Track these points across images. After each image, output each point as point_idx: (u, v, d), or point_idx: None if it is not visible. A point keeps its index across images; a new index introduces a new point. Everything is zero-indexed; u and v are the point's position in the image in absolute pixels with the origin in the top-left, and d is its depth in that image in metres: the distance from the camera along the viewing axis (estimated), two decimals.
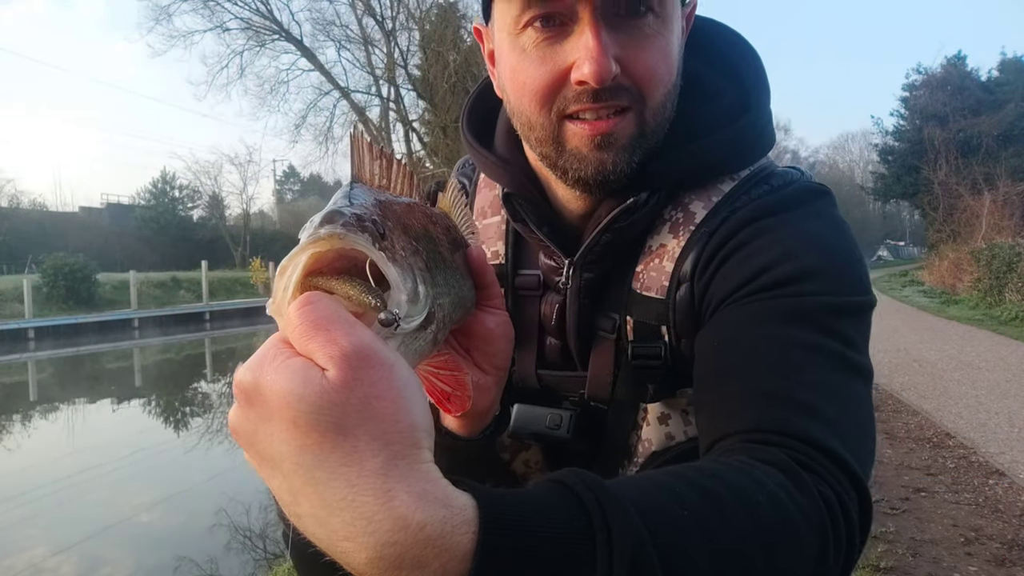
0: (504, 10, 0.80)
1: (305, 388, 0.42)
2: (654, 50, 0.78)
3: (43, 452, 8.41)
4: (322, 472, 0.41)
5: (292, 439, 0.42)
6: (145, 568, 4.47)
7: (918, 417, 5.43)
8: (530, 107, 0.81)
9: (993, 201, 21.95)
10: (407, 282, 0.49)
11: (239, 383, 0.45)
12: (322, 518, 0.42)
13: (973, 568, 2.77)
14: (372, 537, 0.41)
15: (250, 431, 0.44)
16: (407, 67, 33.09)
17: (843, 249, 0.79)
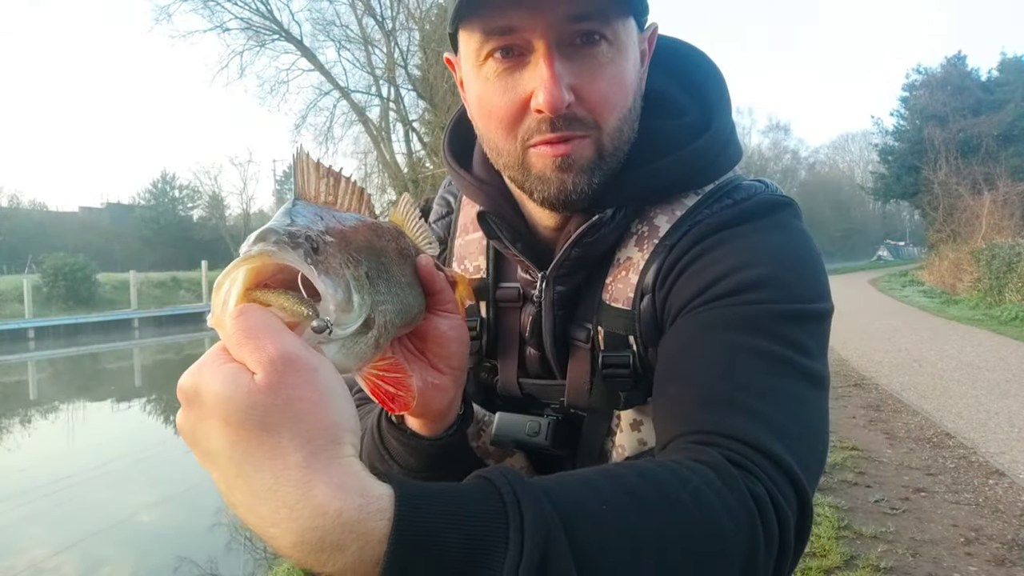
0: (466, 42, 0.84)
1: (235, 390, 0.46)
2: (608, 78, 0.81)
3: (43, 452, 8.41)
4: (250, 466, 0.46)
5: (224, 436, 0.46)
6: (145, 568, 4.48)
7: (918, 417, 5.43)
8: (497, 134, 0.85)
9: (993, 201, 21.95)
10: (338, 292, 0.53)
11: (181, 386, 0.49)
12: (251, 506, 0.46)
13: (973, 568, 2.77)
14: (295, 523, 0.45)
15: (190, 430, 0.48)
16: (407, 67, 33.07)
17: (798, 258, 0.82)
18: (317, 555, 0.46)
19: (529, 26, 0.78)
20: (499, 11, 0.78)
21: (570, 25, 0.79)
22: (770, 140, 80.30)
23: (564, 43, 0.79)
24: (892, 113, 36.97)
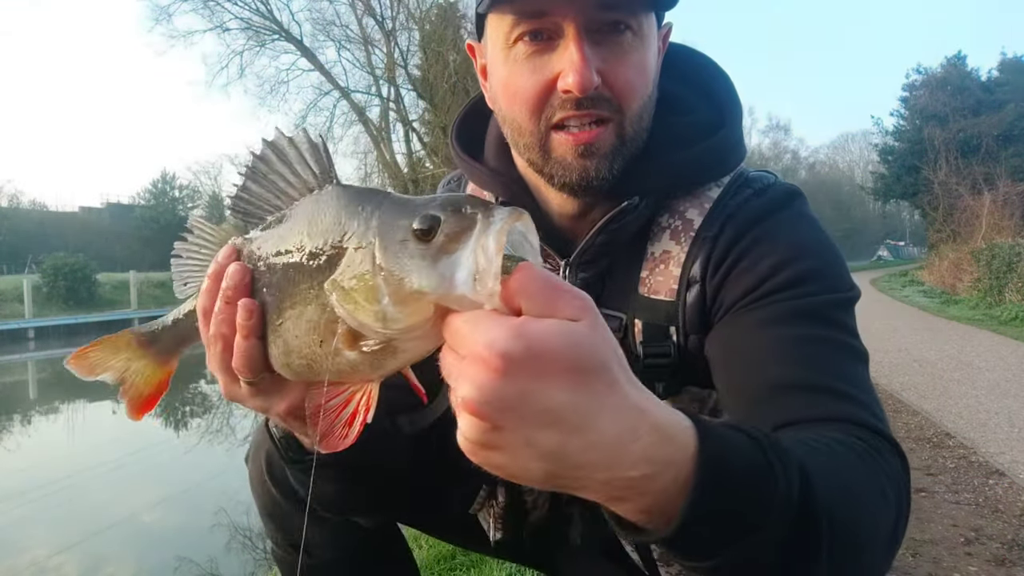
0: (497, 26, 0.88)
1: (573, 338, 0.47)
2: (632, 65, 0.86)
3: (43, 452, 8.41)
4: (595, 404, 0.48)
5: (569, 385, 0.47)
6: (146, 568, 4.48)
7: (918, 417, 5.43)
8: (521, 114, 0.88)
9: (993, 201, 21.94)
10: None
11: (505, 354, 0.46)
12: (595, 443, 0.48)
13: (973, 568, 2.77)
14: (638, 443, 0.50)
15: (519, 396, 0.47)
16: (407, 67, 33.05)
17: (829, 249, 0.91)
18: (651, 477, 0.50)
19: (561, 11, 0.82)
20: None
21: (599, 13, 0.83)
22: (770, 140, 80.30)
23: (592, 29, 0.83)
24: (892, 113, 36.92)
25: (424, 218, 0.51)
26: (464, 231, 0.50)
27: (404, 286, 0.51)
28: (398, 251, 0.52)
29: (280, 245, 0.62)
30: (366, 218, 0.56)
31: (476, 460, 0.51)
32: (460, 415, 0.49)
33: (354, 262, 0.55)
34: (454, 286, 0.49)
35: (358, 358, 0.56)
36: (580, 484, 0.51)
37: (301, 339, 0.60)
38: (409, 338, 0.53)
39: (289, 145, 0.62)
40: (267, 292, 0.64)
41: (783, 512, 0.55)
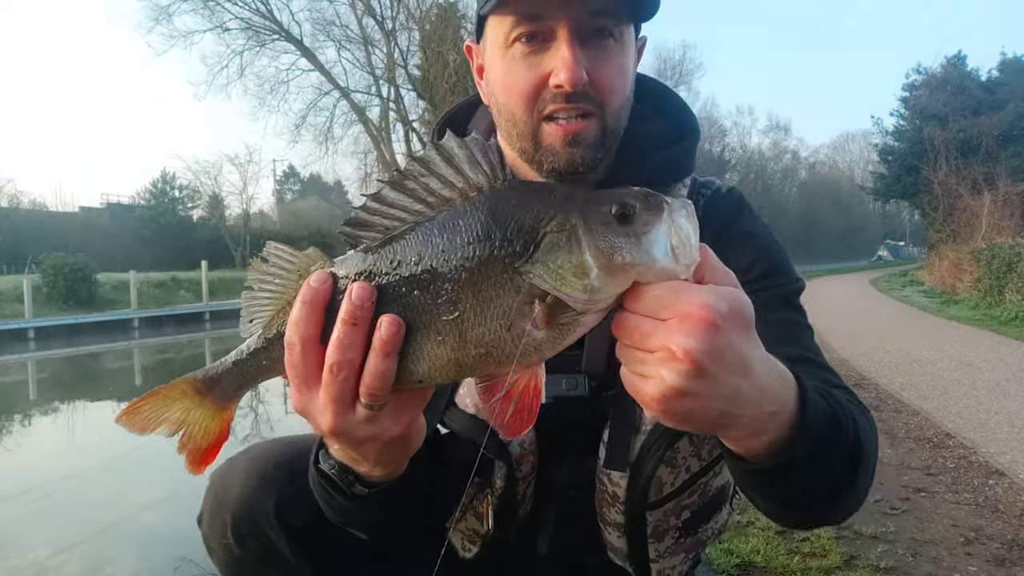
0: (497, 27, 0.99)
1: (745, 300, 0.64)
2: (614, 67, 0.99)
3: (43, 451, 8.41)
4: (756, 352, 0.66)
5: (747, 337, 0.64)
6: (147, 568, 4.47)
7: (918, 417, 5.43)
8: (516, 106, 0.99)
9: (993, 201, 21.93)
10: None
11: (722, 313, 0.60)
12: (763, 386, 0.66)
13: (973, 568, 2.77)
14: (786, 388, 0.70)
15: (726, 346, 0.60)
16: (407, 67, 33.04)
17: (781, 245, 1.13)
18: (776, 414, 0.69)
19: (555, 16, 0.94)
20: (532, 0, 0.94)
21: (589, 19, 0.95)
22: (770, 140, 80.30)
23: (581, 34, 0.95)
24: (892, 113, 36.90)
25: (622, 204, 0.61)
26: (656, 215, 0.61)
27: (614, 260, 0.60)
28: (604, 231, 0.61)
29: (447, 242, 0.63)
30: (561, 205, 0.63)
31: (664, 409, 0.63)
32: (666, 368, 0.60)
33: (558, 243, 0.61)
34: (656, 259, 0.60)
35: (544, 337, 0.63)
36: (737, 422, 0.67)
37: (484, 327, 0.63)
38: (599, 310, 0.62)
39: (459, 147, 0.65)
40: (415, 297, 0.64)
41: (846, 449, 0.78)
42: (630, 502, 1.05)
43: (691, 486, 1.07)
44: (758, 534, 3.00)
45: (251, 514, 1.03)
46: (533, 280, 0.61)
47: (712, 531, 1.16)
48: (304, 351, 0.67)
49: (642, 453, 1.03)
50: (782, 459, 0.71)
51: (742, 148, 75.34)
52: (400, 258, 0.65)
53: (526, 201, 0.64)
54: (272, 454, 1.09)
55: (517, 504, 1.12)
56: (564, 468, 1.13)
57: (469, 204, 0.64)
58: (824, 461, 0.75)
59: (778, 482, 0.75)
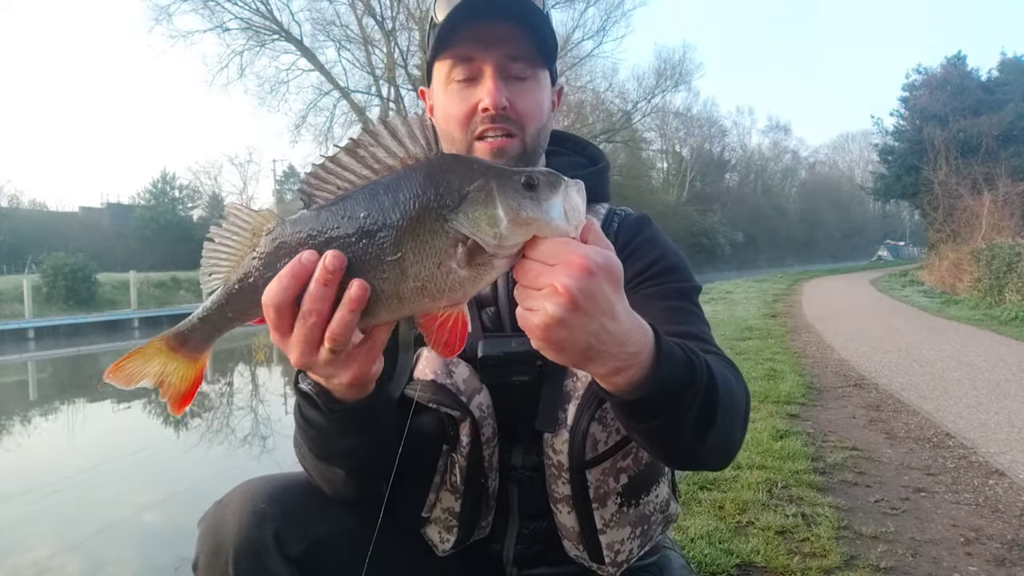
0: (439, 71, 1.26)
1: (616, 259, 0.79)
2: (530, 96, 1.25)
3: (43, 452, 8.41)
4: (620, 305, 0.80)
5: (614, 288, 0.78)
6: (147, 568, 4.47)
7: (918, 417, 5.43)
8: (454, 129, 1.24)
9: (993, 201, 21.92)
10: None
11: (598, 264, 0.75)
12: (625, 331, 0.81)
13: (973, 568, 2.77)
14: (644, 335, 0.85)
15: (596, 288, 0.75)
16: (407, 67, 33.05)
17: (681, 253, 1.34)
18: (636, 355, 0.83)
19: (482, 57, 1.21)
20: (465, 45, 1.21)
21: (508, 62, 1.22)
22: (770, 140, 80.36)
23: (503, 72, 1.22)
24: (892, 113, 36.87)
25: (529, 176, 0.77)
26: (555, 187, 0.78)
27: (519, 214, 0.76)
28: (513, 194, 0.77)
29: (391, 197, 0.78)
30: (482, 172, 0.79)
31: (543, 337, 0.77)
32: (549, 301, 0.74)
33: (478, 200, 0.77)
34: (552, 219, 0.76)
35: (466, 274, 0.78)
36: (600, 357, 0.81)
37: (420, 264, 0.78)
38: (506, 255, 0.77)
39: (402, 123, 0.80)
40: (364, 244, 0.78)
41: (700, 389, 0.91)
42: (572, 465, 1.17)
43: (623, 448, 1.18)
44: (758, 534, 3.00)
45: (252, 549, 1.06)
46: (457, 227, 0.77)
47: (654, 506, 1.24)
48: (280, 311, 0.81)
49: (577, 414, 1.16)
50: (641, 393, 0.85)
51: (742, 148, 75.33)
52: (350, 213, 0.79)
53: (455, 167, 0.80)
54: (260, 490, 1.12)
55: (485, 471, 1.20)
56: (519, 449, 1.26)
57: (409, 169, 0.79)
58: (680, 398, 0.89)
59: (640, 415, 0.89)
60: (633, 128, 45.68)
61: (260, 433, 8.85)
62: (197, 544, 1.12)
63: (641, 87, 46.37)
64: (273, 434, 8.53)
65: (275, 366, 15.45)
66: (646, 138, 53.28)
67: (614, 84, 43.94)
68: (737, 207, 63.77)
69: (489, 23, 1.20)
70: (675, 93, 51.51)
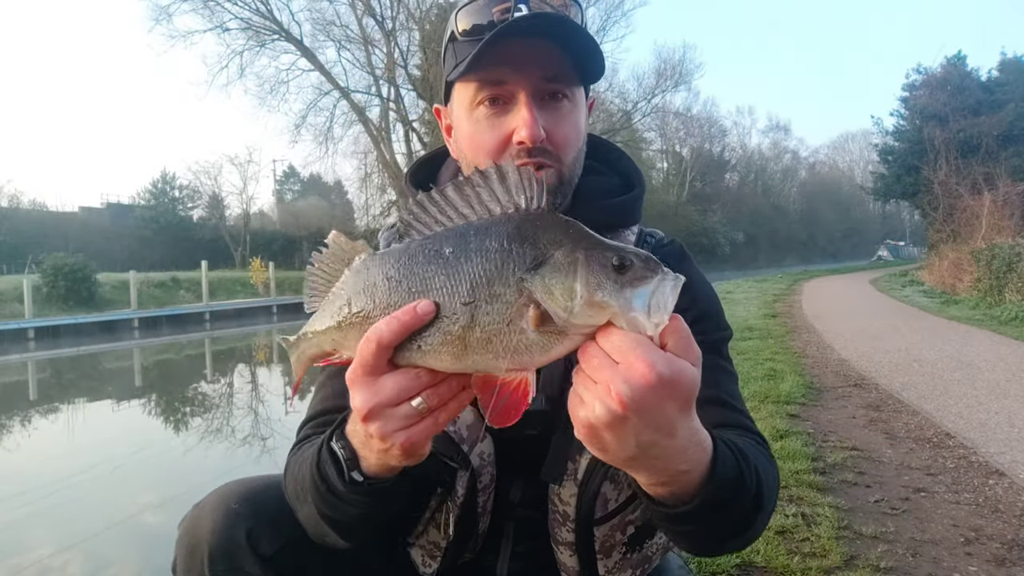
0: (462, 92, 1.13)
1: (694, 378, 0.72)
2: (569, 124, 1.12)
3: (43, 452, 8.41)
4: (685, 422, 0.75)
5: (679, 407, 0.73)
6: (148, 568, 4.47)
7: (918, 417, 5.43)
8: (484, 162, 1.07)
9: (993, 201, 21.90)
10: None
11: (663, 376, 0.68)
12: (683, 448, 0.77)
13: (973, 568, 2.77)
14: (704, 452, 0.80)
15: (653, 403, 0.69)
16: (407, 67, 33.04)
17: (715, 295, 1.26)
18: (688, 472, 0.79)
19: (514, 81, 1.08)
20: (495, 68, 1.07)
21: (544, 84, 1.09)
22: (770, 140, 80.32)
23: (538, 96, 1.09)
24: (892, 113, 36.84)
25: (623, 256, 0.72)
26: (647, 276, 0.72)
27: (596, 295, 0.71)
28: (598, 271, 0.72)
29: (478, 242, 0.76)
30: (574, 239, 0.75)
31: (587, 435, 0.72)
32: (600, 401, 0.69)
33: (560, 266, 0.73)
34: (632, 309, 0.71)
35: (535, 339, 0.74)
36: (646, 468, 0.78)
37: (491, 316, 0.75)
38: (576, 333, 0.73)
39: (513, 172, 0.78)
40: (443, 280, 0.77)
41: (745, 502, 0.89)
42: (579, 518, 1.13)
43: (633, 501, 1.14)
44: None
45: (226, 548, 1.07)
46: (531, 288, 0.73)
47: (657, 546, 1.22)
48: (379, 352, 0.77)
49: (588, 470, 1.10)
50: (682, 509, 0.82)
51: (742, 148, 75.31)
52: (438, 248, 0.78)
53: (548, 227, 0.76)
54: (234, 492, 1.13)
55: (478, 516, 1.17)
56: (519, 486, 1.21)
57: (505, 217, 0.77)
58: (721, 515, 0.85)
59: (675, 521, 0.86)
60: (633, 128, 45.67)
61: (260, 434, 8.84)
62: (175, 546, 1.15)
63: (641, 87, 46.36)
64: (273, 434, 8.52)
65: (275, 366, 15.45)
66: (646, 138, 53.26)
67: (614, 84, 43.89)
68: (737, 207, 63.71)
69: (521, 40, 1.05)
70: (675, 93, 51.52)
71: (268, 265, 32.01)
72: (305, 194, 55.35)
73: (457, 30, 1.13)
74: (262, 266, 31.85)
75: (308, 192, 55.48)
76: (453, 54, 1.14)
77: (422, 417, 0.79)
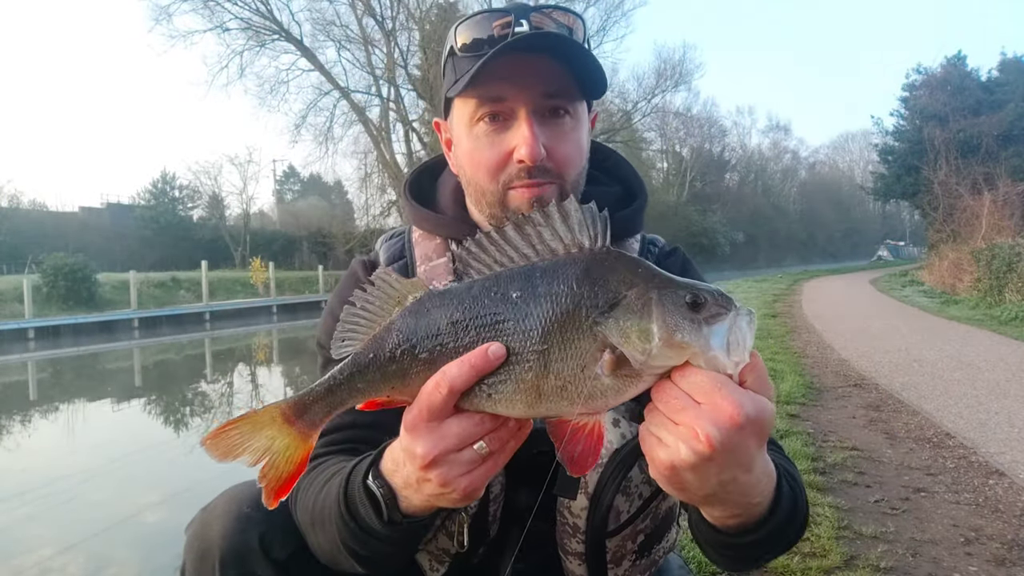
0: (462, 108, 1.11)
1: (772, 414, 0.72)
2: (570, 142, 1.10)
3: (43, 452, 8.41)
4: (760, 458, 0.77)
5: (758, 443, 0.73)
6: (148, 568, 4.48)
7: (918, 417, 5.43)
8: (484, 179, 1.10)
9: (993, 201, 21.90)
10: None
11: (749, 416, 0.69)
12: (754, 483, 0.78)
13: (973, 568, 2.77)
14: (770, 483, 0.83)
15: (739, 443, 0.70)
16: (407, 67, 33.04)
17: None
18: (758, 504, 0.82)
19: (515, 97, 1.06)
20: (495, 84, 1.05)
21: (545, 100, 1.07)
22: (770, 140, 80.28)
23: (539, 113, 1.07)
24: (892, 113, 36.86)
25: (695, 294, 0.71)
26: (722, 313, 0.70)
27: (674, 336, 0.69)
28: (674, 311, 0.70)
29: (546, 285, 0.73)
30: (645, 279, 0.73)
31: (668, 476, 0.72)
32: (685, 443, 0.69)
33: (633, 308, 0.71)
34: (711, 348, 0.69)
35: (610, 383, 0.71)
36: (722, 503, 0.79)
37: (564, 362, 0.72)
38: (655, 373, 0.71)
39: (575, 211, 0.76)
40: (513, 326, 0.74)
41: (798, 526, 0.93)
42: (590, 532, 1.12)
43: (644, 511, 1.14)
44: None
45: (238, 554, 1.05)
46: (606, 333, 0.71)
47: (664, 549, 1.23)
48: (449, 398, 0.74)
49: (600, 483, 1.09)
50: (747, 538, 0.86)
51: (742, 148, 75.27)
52: (504, 291, 0.74)
53: (617, 267, 0.74)
54: (245, 495, 1.11)
55: (488, 525, 1.17)
56: (528, 494, 1.19)
57: (571, 258, 0.75)
58: (778, 538, 0.89)
59: (735, 547, 0.89)
60: (633, 128, 45.66)
61: None
62: (184, 551, 1.12)
63: (641, 87, 46.32)
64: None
65: (275, 366, 15.45)
66: (646, 138, 53.25)
67: (614, 84, 43.82)
68: (737, 207, 63.69)
69: (521, 56, 1.04)
70: (675, 93, 51.46)
71: (268, 265, 32.01)
72: (305, 194, 55.36)
73: (456, 45, 1.11)
74: (262, 266, 31.85)
75: (308, 192, 55.48)
76: (453, 69, 1.12)
77: (483, 460, 0.78)
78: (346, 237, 37.32)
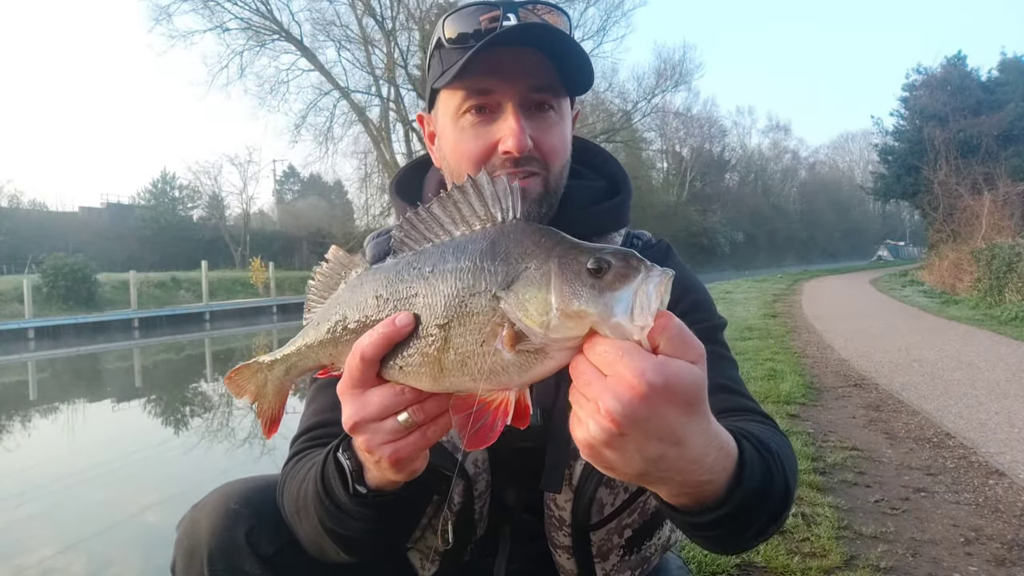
0: (448, 100, 1.12)
1: (694, 378, 0.64)
2: (555, 135, 1.12)
3: (43, 452, 8.41)
4: (696, 428, 0.68)
5: (683, 412, 0.65)
6: (148, 568, 4.48)
7: (918, 417, 5.43)
8: (468, 170, 1.09)
9: (993, 201, 21.90)
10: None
11: (654, 385, 0.61)
12: (697, 457, 0.70)
13: (973, 568, 2.77)
14: (727, 457, 0.75)
15: (649, 415, 0.63)
16: (407, 67, 33.04)
17: (703, 288, 1.26)
18: (710, 482, 0.74)
19: (501, 90, 1.07)
20: (482, 77, 1.06)
21: (531, 94, 1.09)
22: (770, 140, 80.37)
23: (525, 106, 1.09)
24: (892, 113, 36.86)
25: (598, 259, 0.66)
26: (628, 276, 0.65)
27: (571, 305, 0.65)
28: (572, 278, 0.67)
29: (454, 261, 0.74)
30: (547, 248, 0.70)
31: (589, 455, 0.67)
32: (592, 419, 0.64)
33: (532, 279, 0.69)
34: (613, 315, 0.64)
35: (512, 359, 0.69)
36: (661, 482, 0.72)
37: (464, 337, 0.72)
38: (558, 348, 0.68)
39: (488, 184, 0.76)
40: (423, 300, 0.75)
41: (774, 500, 0.84)
42: (575, 524, 1.13)
43: (630, 506, 1.14)
44: None
45: (225, 549, 1.07)
46: (505, 306, 0.69)
47: (656, 547, 1.23)
48: (363, 366, 0.76)
49: (583, 476, 1.10)
50: (708, 517, 0.77)
51: (742, 148, 75.33)
52: (419, 267, 0.77)
53: (521, 239, 0.72)
54: (234, 492, 1.13)
55: (475, 522, 1.18)
56: (515, 491, 1.21)
57: (481, 233, 0.75)
58: (749, 515, 0.80)
59: (700, 527, 0.80)
60: (633, 128, 45.67)
61: (260, 433, 8.84)
62: (174, 547, 1.14)
63: (641, 87, 46.32)
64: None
65: None
66: (646, 138, 53.29)
67: (614, 84, 43.87)
68: (737, 207, 63.74)
69: (508, 50, 1.05)
70: (675, 93, 51.51)
71: (268, 265, 32.01)
72: (305, 194, 55.32)
73: (444, 37, 1.12)
74: (262, 266, 31.85)
75: (308, 192, 55.45)
76: (439, 61, 1.13)
77: (409, 432, 0.78)
78: (346, 237, 37.30)
